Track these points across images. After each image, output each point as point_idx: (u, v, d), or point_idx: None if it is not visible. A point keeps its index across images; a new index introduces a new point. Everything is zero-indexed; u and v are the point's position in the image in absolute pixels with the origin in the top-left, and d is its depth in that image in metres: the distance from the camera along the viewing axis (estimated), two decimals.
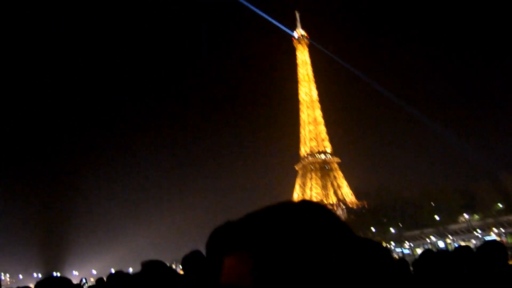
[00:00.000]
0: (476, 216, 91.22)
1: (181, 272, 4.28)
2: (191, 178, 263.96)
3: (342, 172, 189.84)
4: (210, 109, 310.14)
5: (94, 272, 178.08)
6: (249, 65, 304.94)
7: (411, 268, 5.39)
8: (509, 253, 5.36)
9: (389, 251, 2.65)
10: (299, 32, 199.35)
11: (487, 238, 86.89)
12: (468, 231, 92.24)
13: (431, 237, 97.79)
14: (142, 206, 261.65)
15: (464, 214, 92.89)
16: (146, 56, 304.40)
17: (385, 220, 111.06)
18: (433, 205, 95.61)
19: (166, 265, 4.01)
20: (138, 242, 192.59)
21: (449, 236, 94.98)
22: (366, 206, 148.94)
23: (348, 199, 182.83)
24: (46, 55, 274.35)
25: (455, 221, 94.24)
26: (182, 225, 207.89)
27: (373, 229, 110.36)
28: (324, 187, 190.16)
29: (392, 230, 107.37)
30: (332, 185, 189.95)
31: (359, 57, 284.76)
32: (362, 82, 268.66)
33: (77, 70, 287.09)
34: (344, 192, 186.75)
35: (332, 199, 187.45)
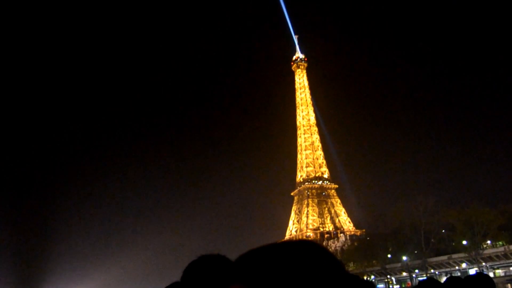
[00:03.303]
0: None
1: None
2: (181, 204, 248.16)
3: (340, 198, 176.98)
4: (203, 133, 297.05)
5: None
6: (246, 91, 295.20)
7: None
8: None
9: (372, 285, 2.62)
10: (297, 56, 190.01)
11: None
12: (506, 256, 79.25)
13: (463, 264, 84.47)
14: (131, 231, 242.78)
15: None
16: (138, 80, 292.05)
17: (390, 248, 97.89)
18: (462, 227, 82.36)
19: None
20: (125, 266, 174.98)
21: (483, 262, 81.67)
22: (364, 234, 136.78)
23: (346, 227, 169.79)
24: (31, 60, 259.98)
25: (492, 245, 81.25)
26: (172, 252, 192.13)
27: (388, 255, 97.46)
28: (320, 215, 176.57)
29: (404, 257, 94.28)
30: (329, 212, 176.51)
31: (358, 81, 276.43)
32: (362, 106, 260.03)
33: (52, 80, 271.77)
34: (341, 219, 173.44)
35: (329, 227, 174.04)
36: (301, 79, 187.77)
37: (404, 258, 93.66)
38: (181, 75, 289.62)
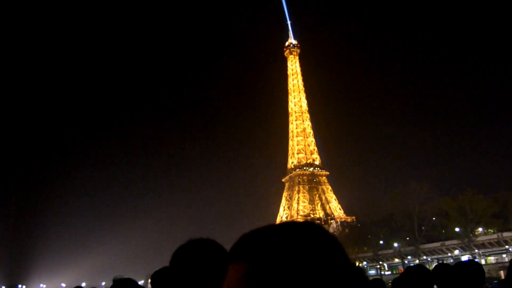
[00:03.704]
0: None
1: None
2: (170, 191, 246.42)
3: (331, 185, 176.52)
4: (194, 120, 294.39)
5: (63, 285, 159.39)
6: (237, 78, 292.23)
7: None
8: None
9: (361, 271, 2.42)
10: (290, 42, 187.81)
11: None
12: (498, 244, 79.17)
13: (456, 250, 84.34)
14: (116, 219, 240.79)
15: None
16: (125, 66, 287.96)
17: (382, 235, 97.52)
18: (456, 214, 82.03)
19: (136, 283, 4.09)
20: (112, 255, 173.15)
21: (475, 249, 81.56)
22: (355, 221, 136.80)
23: (336, 214, 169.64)
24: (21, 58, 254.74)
25: (485, 232, 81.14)
26: (158, 239, 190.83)
27: (381, 242, 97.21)
28: (311, 201, 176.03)
29: (395, 244, 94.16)
30: (320, 198, 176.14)
31: (352, 67, 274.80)
32: (355, 93, 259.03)
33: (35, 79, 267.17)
34: (332, 206, 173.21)
35: (320, 214, 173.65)
36: (293, 65, 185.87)
37: (396, 244, 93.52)
38: (172, 63, 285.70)
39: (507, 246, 78.07)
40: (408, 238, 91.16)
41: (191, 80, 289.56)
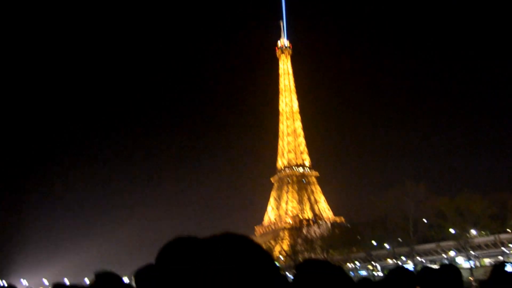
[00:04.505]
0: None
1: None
2: (158, 188, 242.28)
3: (321, 186, 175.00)
4: (183, 119, 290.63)
5: (45, 281, 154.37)
6: (228, 76, 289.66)
7: None
8: None
9: (341, 270, 2.73)
10: (282, 42, 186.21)
11: None
12: (495, 245, 77.89)
13: (451, 252, 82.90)
14: (101, 215, 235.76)
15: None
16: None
17: (376, 235, 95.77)
18: (452, 215, 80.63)
19: (119, 278, 3.91)
20: (96, 251, 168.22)
21: (471, 251, 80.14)
22: (344, 222, 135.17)
23: (325, 215, 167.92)
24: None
25: (482, 233, 79.84)
26: (144, 236, 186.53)
27: (374, 243, 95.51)
28: (300, 201, 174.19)
29: (387, 245, 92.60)
30: (309, 199, 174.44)
31: (344, 68, 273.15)
32: (346, 94, 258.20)
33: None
34: (321, 207, 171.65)
35: (308, 214, 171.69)
36: (285, 65, 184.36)
37: (390, 245, 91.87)
38: (161, 60, 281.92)
39: (503, 248, 76.82)
40: (403, 239, 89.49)
41: (181, 80, 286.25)
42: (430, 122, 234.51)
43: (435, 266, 4.86)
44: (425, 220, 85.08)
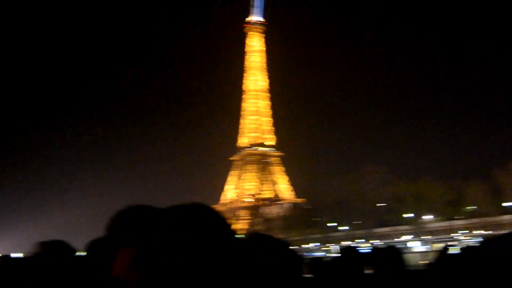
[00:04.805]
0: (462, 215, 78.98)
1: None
2: (115, 164, 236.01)
3: (284, 167, 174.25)
4: (143, 93, 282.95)
5: None
6: (192, 52, 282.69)
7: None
8: None
9: (287, 245, 2.86)
10: (251, 18, 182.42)
11: (470, 240, 74.45)
12: (448, 231, 79.58)
13: (406, 236, 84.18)
14: (53, 185, 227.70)
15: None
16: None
17: (334, 217, 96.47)
18: (410, 201, 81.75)
19: (68, 246, 3.47)
20: (47, 224, 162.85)
21: (425, 235, 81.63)
22: (304, 203, 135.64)
23: (286, 195, 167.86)
24: None
25: (436, 219, 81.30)
26: (99, 209, 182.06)
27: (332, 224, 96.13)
28: (260, 181, 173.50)
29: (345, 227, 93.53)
30: (271, 179, 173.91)
31: (313, 49, 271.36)
32: (315, 75, 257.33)
33: None
34: (282, 188, 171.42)
35: (269, 194, 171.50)
36: (253, 42, 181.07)
37: (348, 227, 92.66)
38: (125, 36, 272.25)
39: (453, 234, 78.51)
40: (361, 222, 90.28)
41: (143, 58, 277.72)
42: (395, 108, 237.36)
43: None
44: (383, 204, 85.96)
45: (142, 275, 1.04)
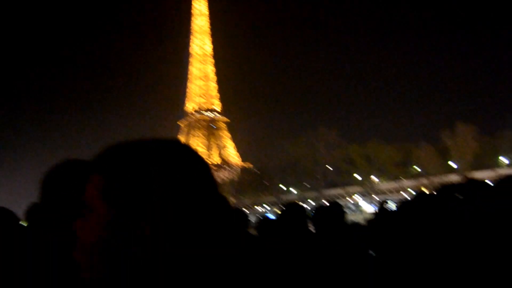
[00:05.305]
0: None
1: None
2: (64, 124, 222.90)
3: (231, 132, 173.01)
4: (87, 57, 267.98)
5: None
6: (137, 18, 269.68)
7: None
8: None
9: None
10: None
11: None
12: (398, 191, 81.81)
13: (356, 196, 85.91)
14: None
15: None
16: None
17: (285, 180, 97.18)
18: (360, 162, 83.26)
19: (12, 213, 2.69)
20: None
21: (375, 196, 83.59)
22: (252, 167, 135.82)
23: (233, 160, 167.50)
24: None
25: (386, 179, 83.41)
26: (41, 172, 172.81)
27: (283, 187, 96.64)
28: (208, 147, 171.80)
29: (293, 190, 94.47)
30: (217, 145, 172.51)
31: (265, 15, 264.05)
32: (262, 38, 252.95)
33: None
34: (230, 152, 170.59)
35: (216, 159, 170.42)
36: (200, 6, 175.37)
37: (298, 190, 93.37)
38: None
39: (404, 193, 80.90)
40: (311, 184, 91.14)
41: (90, 22, 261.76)
42: (346, 71, 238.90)
43: None
44: (333, 167, 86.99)
45: (108, 204, 0.99)
